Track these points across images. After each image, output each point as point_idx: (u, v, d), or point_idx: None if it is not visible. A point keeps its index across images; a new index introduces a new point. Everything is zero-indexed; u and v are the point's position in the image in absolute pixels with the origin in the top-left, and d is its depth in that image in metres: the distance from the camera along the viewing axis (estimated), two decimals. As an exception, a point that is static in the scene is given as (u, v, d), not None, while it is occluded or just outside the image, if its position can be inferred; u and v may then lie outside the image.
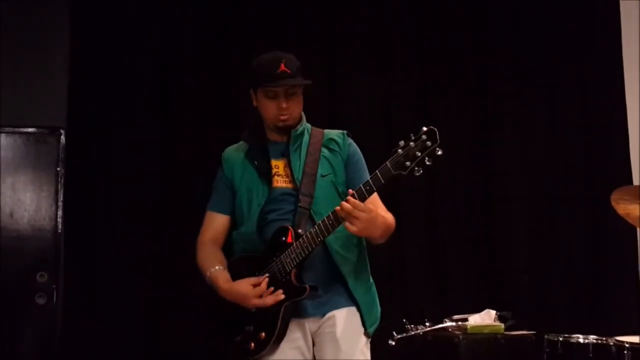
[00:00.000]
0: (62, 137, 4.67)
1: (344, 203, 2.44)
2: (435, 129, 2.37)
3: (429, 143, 2.36)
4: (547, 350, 3.87)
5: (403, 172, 2.39)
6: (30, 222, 4.64)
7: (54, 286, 4.57)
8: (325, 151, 2.74)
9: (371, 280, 2.77)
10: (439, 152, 2.36)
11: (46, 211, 4.66)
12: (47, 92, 4.64)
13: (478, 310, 4.14)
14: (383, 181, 2.43)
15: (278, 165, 2.72)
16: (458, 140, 4.79)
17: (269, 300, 2.54)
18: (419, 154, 2.37)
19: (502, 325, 4.07)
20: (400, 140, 2.42)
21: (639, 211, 3.61)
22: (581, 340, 3.76)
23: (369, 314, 2.68)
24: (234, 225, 2.79)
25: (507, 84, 5.07)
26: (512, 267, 4.85)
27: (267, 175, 2.70)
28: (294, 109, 2.69)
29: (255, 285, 2.57)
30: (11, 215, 4.63)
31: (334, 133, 2.81)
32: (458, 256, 4.78)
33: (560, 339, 3.82)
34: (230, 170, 2.79)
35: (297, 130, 2.72)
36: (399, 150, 2.40)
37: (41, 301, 4.56)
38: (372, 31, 4.93)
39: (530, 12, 5.12)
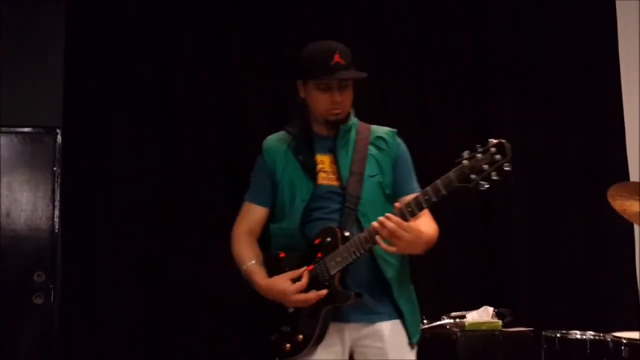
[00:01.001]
0: (59, 137, 4.67)
1: (385, 220, 2.29)
2: (506, 143, 2.21)
3: (498, 157, 2.20)
4: (545, 346, 3.87)
5: (467, 185, 2.25)
6: (27, 221, 4.64)
7: (51, 286, 4.57)
8: (372, 149, 2.60)
9: (412, 286, 2.64)
10: (508, 169, 2.19)
11: (43, 211, 4.66)
12: (43, 92, 4.64)
13: (476, 307, 4.15)
14: (445, 192, 2.28)
15: (323, 161, 2.59)
16: (457, 140, 4.78)
17: (311, 297, 2.42)
18: (486, 168, 2.21)
19: (500, 322, 4.07)
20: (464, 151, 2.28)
21: (637, 207, 3.62)
22: (579, 337, 3.77)
23: (412, 324, 2.55)
24: (272, 218, 2.65)
25: (506, 84, 5.06)
26: (510, 264, 4.85)
27: (311, 171, 2.56)
28: (346, 102, 2.58)
29: (294, 281, 2.45)
30: (8, 215, 4.62)
31: (383, 131, 2.67)
32: (457, 254, 4.78)
33: (558, 335, 3.82)
34: (272, 162, 2.65)
35: (346, 125, 2.60)
36: (464, 162, 2.25)
37: (38, 301, 4.56)
38: (372, 31, 4.92)
39: (529, 12, 5.12)
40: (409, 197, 2.45)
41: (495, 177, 2.21)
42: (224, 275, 4.49)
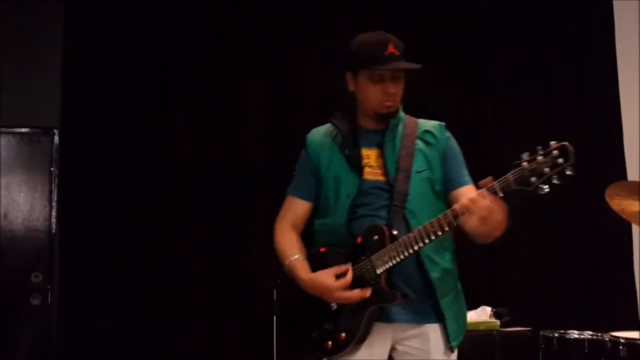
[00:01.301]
0: (56, 137, 4.67)
1: (481, 200, 2.20)
2: (570, 146, 2.12)
3: (560, 160, 2.12)
4: (543, 346, 3.87)
5: (526, 188, 2.16)
6: (24, 222, 4.63)
7: (48, 286, 4.57)
8: (420, 144, 2.52)
9: (459, 286, 2.57)
10: (570, 172, 2.11)
11: (40, 211, 4.66)
12: (41, 92, 4.64)
13: (474, 307, 4.14)
14: (501, 194, 2.21)
15: (369, 155, 2.51)
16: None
17: (355, 295, 2.36)
18: (547, 171, 2.13)
19: (498, 322, 4.08)
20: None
21: (635, 207, 3.61)
22: (577, 336, 3.77)
23: (453, 327, 2.47)
24: (316, 214, 2.58)
25: (505, 84, 5.06)
26: (508, 264, 4.85)
27: (357, 165, 2.48)
28: (398, 94, 2.49)
29: (338, 277, 2.39)
30: (5, 215, 4.62)
31: (430, 124, 2.59)
32: (455, 253, 4.77)
33: (556, 335, 3.82)
34: (315, 156, 2.57)
35: (395, 119, 2.52)
36: (524, 164, 2.17)
37: (36, 302, 4.56)
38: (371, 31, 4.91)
39: (529, 12, 5.12)
40: (464, 189, 2.40)
41: (556, 182, 2.14)
42: (224, 275, 4.56)
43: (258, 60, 4.75)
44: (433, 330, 2.46)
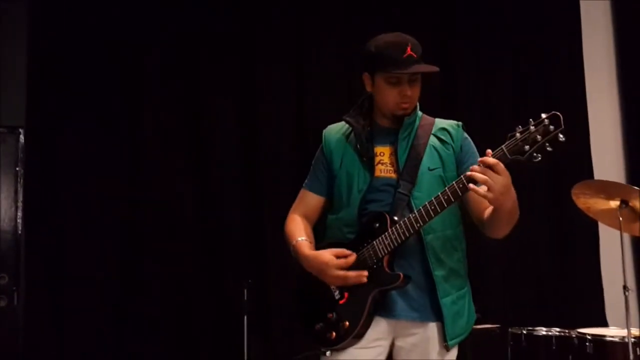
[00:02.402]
0: (21, 137, 4.60)
1: (485, 159, 2.20)
2: (559, 114, 2.16)
3: (552, 127, 2.16)
4: (512, 343, 3.92)
5: (521, 157, 2.19)
6: (-11, 223, 4.57)
7: (14, 288, 4.50)
8: (434, 140, 2.54)
9: (466, 287, 2.57)
10: (562, 138, 2.15)
11: (6, 212, 4.59)
12: (5, 91, 4.56)
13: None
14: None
15: (383, 153, 2.54)
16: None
17: (352, 275, 2.41)
18: (540, 139, 2.17)
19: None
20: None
21: (601, 205, 3.66)
22: (544, 333, 3.82)
23: (452, 326, 2.47)
24: (330, 209, 2.64)
25: (474, 86, 5.10)
26: (477, 262, 4.87)
27: (369, 162, 2.53)
28: (415, 96, 2.52)
29: (339, 257, 2.44)
30: (-30, 216, 4.55)
31: (447, 123, 2.61)
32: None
33: (524, 332, 3.87)
34: (329, 152, 2.63)
35: (410, 118, 2.54)
36: (517, 135, 2.20)
37: (2, 303, 4.49)
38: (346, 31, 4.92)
39: (499, 12, 5.17)
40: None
41: (549, 149, 2.18)
42: (195, 276, 4.53)
43: (226, 57, 4.73)
44: (432, 329, 2.48)
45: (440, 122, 2.60)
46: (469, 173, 2.23)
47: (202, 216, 4.59)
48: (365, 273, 2.41)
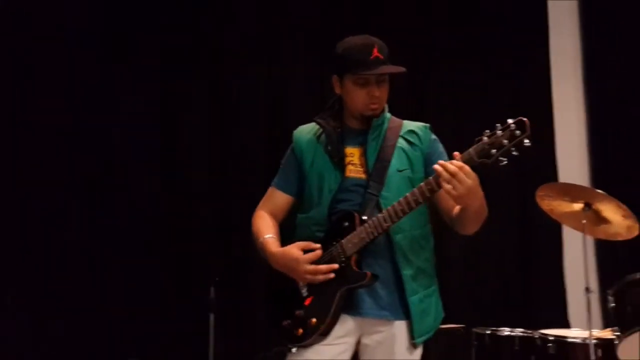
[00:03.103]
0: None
1: (448, 164, 2.28)
2: (526, 120, 2.23)
3: (518, 132, 2.23)
4: (476, 343, 3.95)
5: (487, 161, 2.26)
6: None
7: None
8: (403, 142, 2.59)
9: (433, 286, 2.60)
10: (527, 143, 2.23)
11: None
12: None
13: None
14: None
15: (353, 154, 2.59)
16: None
17: (322, 269, 2.44)
18: (506, 143, 2.24)
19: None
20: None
21: (564, 208, 3.71)
22: (508, 333, 3.86)
23: (419, 324, 2.50)
24: (300, 208, 2.67)
25: (441, 86, 5.13)
26: (442, 262, 4.89)
27: (340, 163, 2.57)
28: (383, 97, 2.57)
29: (307, 252, 2.47)
30: None
31: (415, 125, 2.65)
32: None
33: (488, 332, 3.91)
34: (300, 152, 2.66)
35: (379, 119, 2.59)
36: (484, 138, 2.28)
37: None
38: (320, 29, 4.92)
39: (465, 14, 5.21)
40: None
41: (515, 153, 2.24)
42: (161, 271, 4.51)
43: (199, 61, 4.71)
44: (399, 326, 2.51)
45: (408, 124, 2.65)
46: (436, 167, 2.30)
47: (169, 213, 4.57)
48: (336, 266, 2.44)
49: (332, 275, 2.44)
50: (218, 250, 4.57)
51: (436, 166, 2.31)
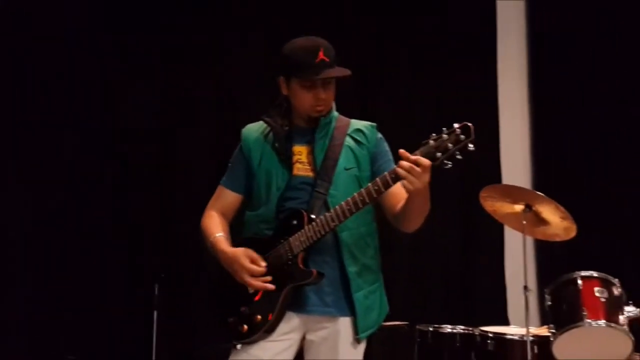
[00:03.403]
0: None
1: (403, 163, 2.33)
2: (470, 125, 2.30)
3: (462, 137, 2.29)
4: (419, 339, 4.03)
5: (433, 163, 2.32)
6: None
7: None
8: (349, 141, 2.62)
9: (377, 283, 2.64)
10: (471, 148, 2.29)
11: None
12: None
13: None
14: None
15: (301, 152, 2.62)
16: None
17: (257, 285, 2.49)
18: (451, 147, 2.30)
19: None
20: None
21: (507, 209, 3.80)
22: (449, 330, 3.95)
23: (363, 319, 2.55)
24: (249, 206, 2.69)
25: (389, 87, 5.19)
26: (386, 261, 4.97)
27: (287, 161, 2.59)
28: (330, 99, 2.59)
29: (253, 262, 2.51)
30: None
31: (362, 124, 2.69)
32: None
33: (431, 329, 3.99)
34: (248, 150, 2.68)
35: (326, 118, 2.61)
36: (431, 141, 2.33)
37: None
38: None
39: (417, 21, 5.29)
40: (393, 188, 2.46)
41: (458, 157, 2.31)
42: (107, 267, 4.47)
43: (148, 59, 4.68)
44: (344, 322, 2.55)
45: (355, 123, 2.69)
46: (397, 169, 2.35)
47: (115, 209, 4.54)
48: (272, 287, 2.49)
49: (271, 286, 2.49)
50: (162, 247, 4.55)
51: (401, 150, 2.35)
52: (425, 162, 2.31)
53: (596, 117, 5.41)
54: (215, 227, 2.66)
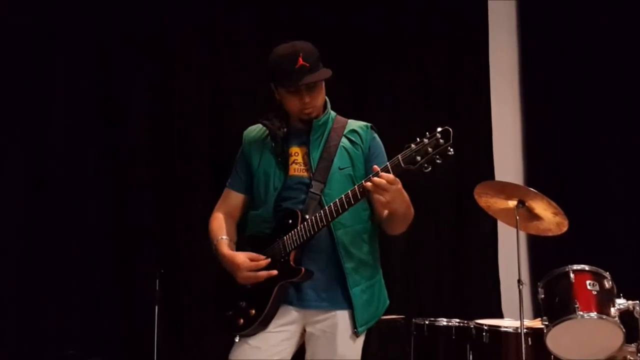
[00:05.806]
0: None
1: (375, 179, 2.40)
2: (450, 130, 2.35)
3: (442, 141, 2.35)
4: (415, 332, 4.09)
5: (412, 167, 2.38)
6: None
7: None
8: (345, 142, 2.68)
9: (376, 277, 2.71)
10: (451, 152, 2.35)
11: None
12: None
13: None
14: (392, 174, 2.41)
15: (298, 153, 2.69)
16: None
17: (261, 275, 2.58)
18: (431, 151, 2.35)
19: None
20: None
21: (500, 205, 3.86)
22: (445, 323, 4.02)
23: (361, 314, 2.62)
24: (252, 205, 2.77)
25: (383, 86, 5.20)
26: (383, 256, 5.02)
27: (284, 162, 2.67)
28: (317, 101, 2.64)
29: (253, 260, 2.60)
30: None
31: (357, 124, 2.75)
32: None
33: (426, 322, 4.05)
34: (248, 152, 2.77)
35: (319, 120, 2.67)
36: (412, 146, 2.39)
37: None
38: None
39: (408, 20, 5.33)
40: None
41: (438, 161, 2.37)
42: (105, 263, 4.49)
43: (143, 59, 4.69)
44: (342, 316, 2.63)
45: (352, 124, 2.75)
46: (365, 183, 2.43)
47: (114, 205, 4.54)
48: (275, 273, 2.58)
49: (273, 273, 2.58)
50: (164, 243, 4.58)
51: (375, 166, 2.44)
52: (390, 177, 2.39)
53: (588, 114, 5.49)
54: (220, 230, 2.76)
